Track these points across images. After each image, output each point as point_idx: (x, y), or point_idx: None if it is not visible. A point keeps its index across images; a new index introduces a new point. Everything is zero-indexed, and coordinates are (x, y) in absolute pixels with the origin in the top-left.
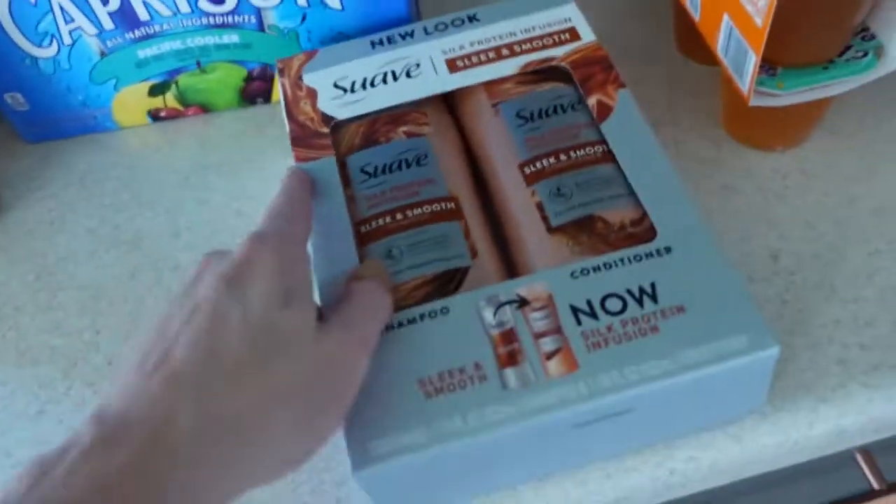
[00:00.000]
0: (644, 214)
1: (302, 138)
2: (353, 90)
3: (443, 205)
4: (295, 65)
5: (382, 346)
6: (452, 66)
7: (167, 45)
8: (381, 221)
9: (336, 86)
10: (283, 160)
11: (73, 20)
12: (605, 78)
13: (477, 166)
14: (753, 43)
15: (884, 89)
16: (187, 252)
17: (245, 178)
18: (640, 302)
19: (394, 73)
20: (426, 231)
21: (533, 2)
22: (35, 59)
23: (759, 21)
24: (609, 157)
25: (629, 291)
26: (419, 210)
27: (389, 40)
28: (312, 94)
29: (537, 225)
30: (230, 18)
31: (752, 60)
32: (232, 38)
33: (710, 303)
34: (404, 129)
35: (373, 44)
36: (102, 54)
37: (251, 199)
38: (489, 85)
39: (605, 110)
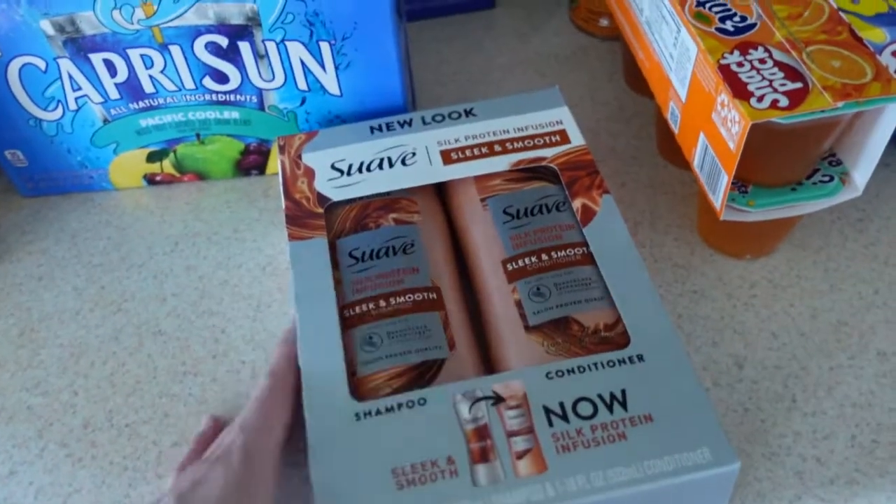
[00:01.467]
0: (618, 319)
1: (297, 217)
2: (349, 173)
3: (424, 295)
4: (295, 143)
5: (359, 432)
6: (447, 157)
7: (169, 117)
8: (364, 307)
9: (334, 167)
10: (273, 233)
11: (80, 88)
12: (591, 182)
13: (462, 257)
14: (726, 164)
15: (848, 210)
16: (171, 318)
17: (234, 248)
18: (610, 408)
19: (390, 160)
20: (406, 320)
21: (528, 101)
22: (39, 121)
23: (732, 145)
24: (589, 259)
25: (601, 396)
26: (402, 299)
27: (388, 127)
28: (310, 174)
29: (516, 322)
30: (232, 97)
31: (725, 180)
32: (232, 114)
33: (677, 414)
34: (394, 215)
35: (372, 129)
36: (105, 121)
37: (238, 269)
38: (480, 179)
39: (588, 214)
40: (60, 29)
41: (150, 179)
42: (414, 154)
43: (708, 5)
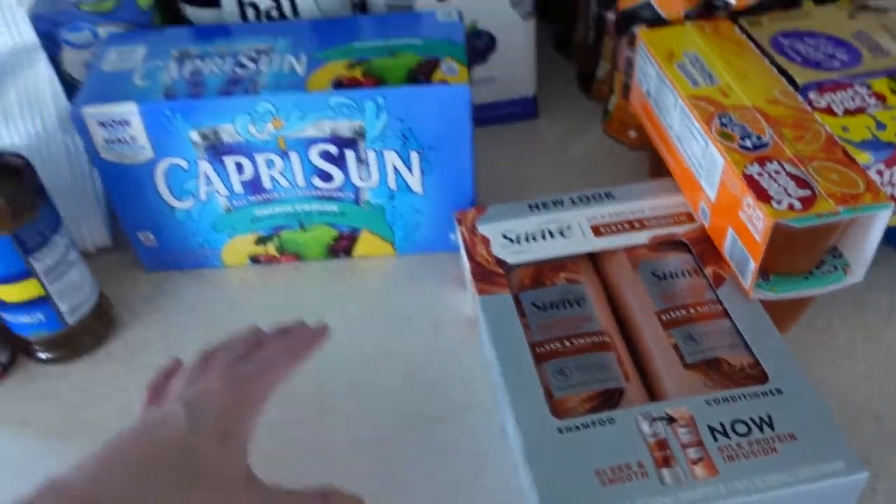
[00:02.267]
0: (757, 361)
1: (482, 275)
2: (519, 241)
3: (599, 338)
4: (469, 217)
5: (563, 442)
6: (596, 231)
7: (280, 208)
8: (553, 346)
9: (505, 237)
10: (358, 305)
11: (211, 184)
12: (718, 254)
13: (617, 311)
14: (753, 253)
15: (846, 295)
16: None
17: (329, 318)
18: (760, 428)
19: (550, 232)
20: (588, 357)
21: (651, 188)
22: (173, 209)
23: (758, 238)
24: (725, 314)
25: (752, 419)
26: (582, 340)
27: (544, 206)
28: (486, 241)
29: (674, 361)
30: (334, 193)
31: (752, 266)
32: (332, 207)
33: (814, 434)
34: (564, 275)
35: (530, 207)
36: (227, 210)
37: (333, 339)
38: (627, 249)
39: (719, 279)
40: (205, 137)
41: (255, 259)
42: (569, 227)
43: (729, 126)
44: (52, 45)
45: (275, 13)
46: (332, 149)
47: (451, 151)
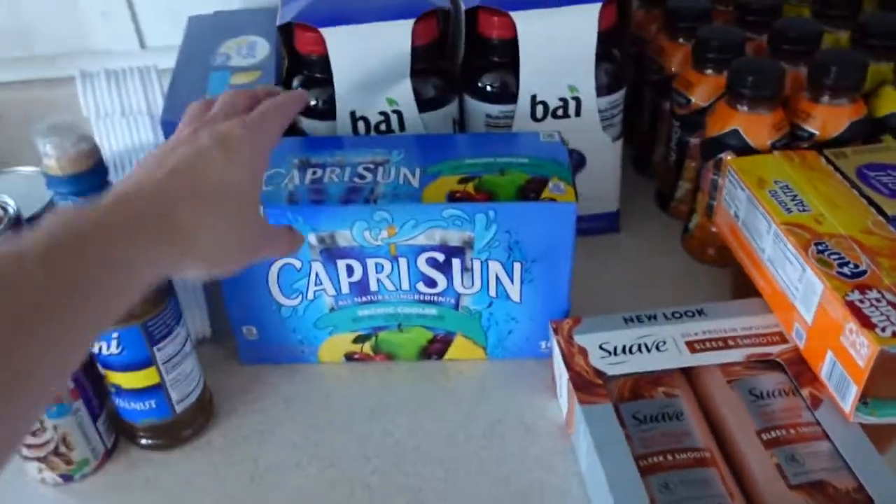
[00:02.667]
0: (861, 486)
1: (582, 385)
2: (615, 353)
3: (700, 453)
4: (565, 327)
5: None
6: (691, 347)
7: (381, 310)
8: (656, 459)
9: (602, 348)
10: (452, 409)
11: (320, 283)
12: (813, 376)
13: (714, 427)
14: (856, 378)
15: None
16: (376, 475)
17: (420, 419)
18: None
19: (646, 346)
20: (692, 473)
21: (746, 308)
22: (280, 306)
23: (861, 363)
24: (825, 436)
25: None
26: (684, 455)
27: (637, 319)
28: (583, 352)
29: (779, 482)
30: (435, 298)
31: (854, 390)
32: (431, 311)
33: None
34: (662, 389)
35: (625, 320)
36: (332, 309)
37: (427, 437)
38: (722, 366)
39: (816, 400)
40: (321, 241)
41: (350, 357)
42: (665, 343)
43: (826, 253)
44: None
45: (383, 127)
46: (440, 256)
47: (552, 264)
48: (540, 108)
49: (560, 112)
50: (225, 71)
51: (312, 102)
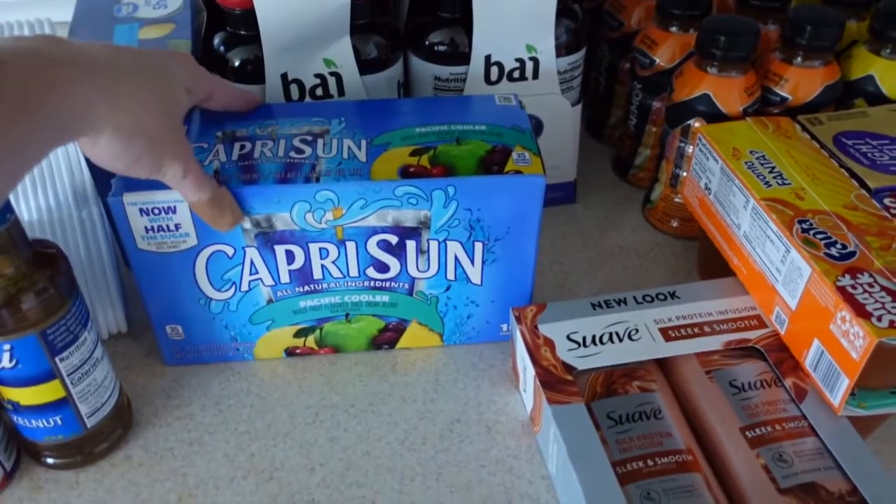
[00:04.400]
0: (855, 488)
1: (550, 383)
2: (585, 344)
3: (683, 457)
4: (529, 315)
5: None
6: (666, 334)
7: (327, 299)
8: (635, 465)
9: (570, 338)
10: (405, 408)
11: (256, 272)
12: (795, 364)
13: (694, 424)
14: (848, 370)
15: None
16: (322, 488)
17: (371, 421)
18: None
19: (618, 335)
20: (675, 479)
21: (720, 289)
22: (209, 300)
23: (855, 355)
24: (812, 431)
25: None
26: (665, 459)
27: (606, 304)
28: (550, 343)
29: (767, 486)
30: (387, 283)
31: (846, 383)
32: (383, 298)
33: None
34: (637, 383)
35: (593, 305)
36: (269, 301)
37: (378, 442)
38: (699, 354)
39: (801, 392)
40: (257, 224)
41: (290, 352)
42: (637, 331)
43: (811, 232)
44: None
45: (319, 91)
46: (392, 238)
47: (516, 242)
48: (495, 70)
49: (516, 74)
50: (133, 24)
51: (237, 63)
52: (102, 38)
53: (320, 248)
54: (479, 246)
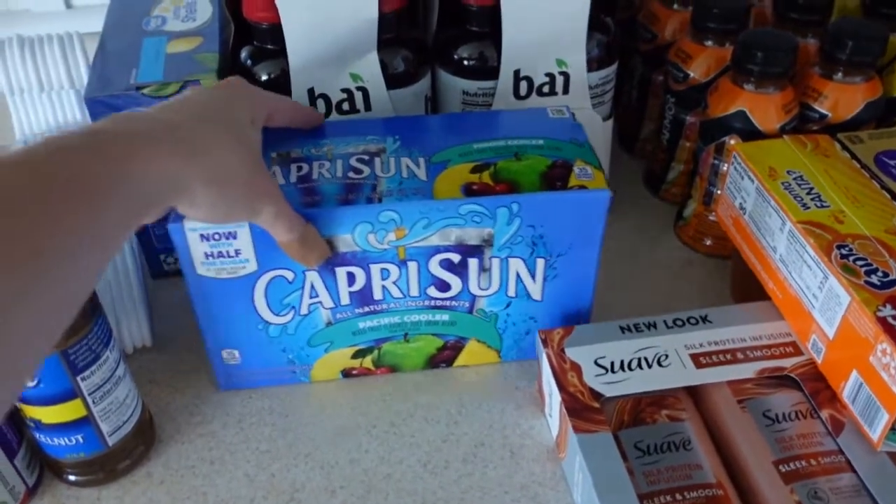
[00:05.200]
0: None
1: (576, 410)
2: (613, 370)
3: (714, 491)
4: (556, 338)
5: None
6: (697, 361)
7: (386, 320)
8: (663, 499)
9: (597, 363)
10: (428, 429)
11: (316, 296)
12: (832, 394)
13: (725, 455)
14: (888, 405)
15: None
16: None
17: (392, 443)
18: None
19: (647, 360)
20: None
21: (754, 313)
22: (267, 325)
23: (895, 389)
24: (849, 467)
25: None
26: (695, 493)
27: (635, 328)
28: (577, 368)
29: None
30: (448, 302)
31: (886, 418)
32: (443, 317)
33: None
34: (666, 412)
35: (621, 329)
36: (328, 324)
37: (399, 464)
38: (732, 382)
39: (838, 425)
40: None
41: (347, 373)
42: (667, 356)
43: (851, 258)
44: None
45: (346, 106)
46: (455, 257)
47: (578, 258)
48: (524, 85)
49: (546, 89)
50: (161, 37)
51: (263, 77)
52: (131, 51)
53: (381, 269)
54: (541, 262)
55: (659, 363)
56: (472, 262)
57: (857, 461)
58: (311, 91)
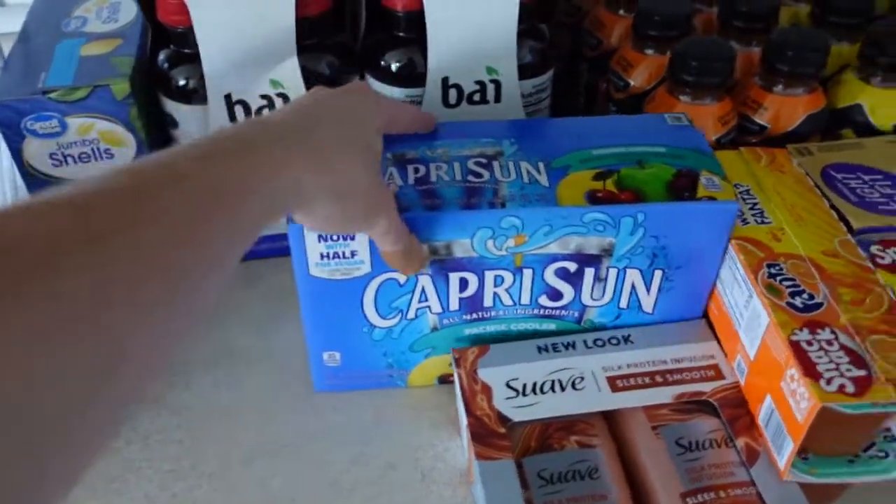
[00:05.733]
0: None
1: (482, 435)
2: (524, 393)
3: None
4: (470, 357)
5: None
6: (613, 384)
7: (492, 327)
8: None
9: (509, 386)
10: (335, 447)
11: (426, 300)
12: (751, 421)
13: (634, 482)
14: (793, 433)
15: None
16: None
17: (300, 462)
18: None
19: (561, 383)
20: None
21: (680, 333)
22: (372, 328)
23: (799, 418)
24: (759, 500)
25: None
26: None
27: (554, 348)
28: (487, 390)
29: None
30: (557, 312)
31: (791, 447)
32: (549, 326)
33: None
34: (576, 438)
35: (539, 349)
36: (434, 329)
37: (305, 486)
38: (648, 407)
39: (752, 454)
40: (434, 252)
41: (444, 380)
42: (582, 379)
43: (779, 278)
44: (13, 134)
45: (266, 112)
46: (571, 266)
47: (697, 270)
48: (453, 93)
49: (477, 97)
50: (77, 39)
51: (182, 82)
52: (45, 53)
53: (496, 276)
54: (658, 274)
55: (573, 386)
56: (588, 272)
57: (767, 492)
58: (227, 97)
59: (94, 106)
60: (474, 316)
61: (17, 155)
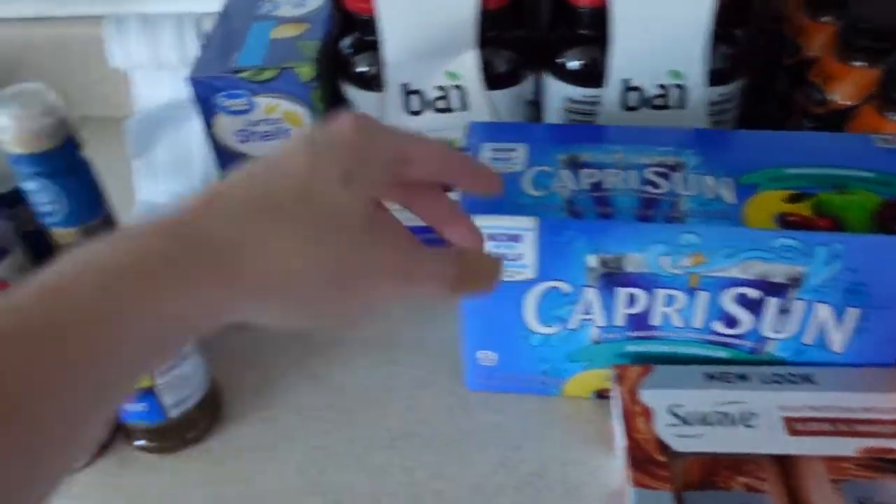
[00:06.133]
0: None
1: (640, 461)
2: (689, 422)
3: None
4: (632, 376)
5: None
6: (790, 427)
7: (657, 347)
8: None
9: (672, 412)
10: (483, 449)
11: (590, 312)
12: None
13: None
14: None
15: None
16: None
17: (446, 459)
18: None
19: (731, 417)
20: None
21: (871, 379)
22: (530, 333)
23: None
24: None
25: None
26: None
27: (725, 377)
28: (648, 413)
29: None
30: (731, 340)
31: None
32: (720, 353)
33: None
34: (744, 479)
35: (708, 376)
36: (595, 342)
37: (451, 482)
38: (828, 458)
39: None
40: (604, 264)
41: (600, 394)
42: (756, 416)
43: None
44: (207, 109)
45: (441, 105)
46: (753, 293)
47: None
48: (633, 96)
49: (659, 102)
50: (269, 22)
51: (362, 69)
52: (239, 34)
53: (667, 295)
54: (853, 312)
55: (746, 422)
56: (772, 302)
57: None
58: (404, 86)
59: (280, 87)
60: (639, 334)
61: (209, 129)
